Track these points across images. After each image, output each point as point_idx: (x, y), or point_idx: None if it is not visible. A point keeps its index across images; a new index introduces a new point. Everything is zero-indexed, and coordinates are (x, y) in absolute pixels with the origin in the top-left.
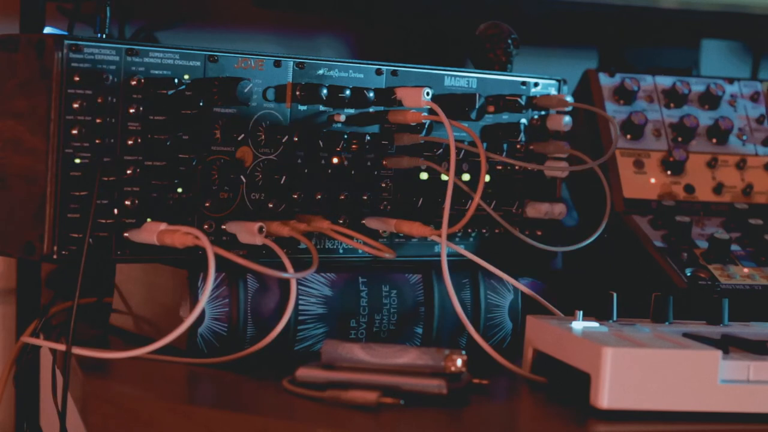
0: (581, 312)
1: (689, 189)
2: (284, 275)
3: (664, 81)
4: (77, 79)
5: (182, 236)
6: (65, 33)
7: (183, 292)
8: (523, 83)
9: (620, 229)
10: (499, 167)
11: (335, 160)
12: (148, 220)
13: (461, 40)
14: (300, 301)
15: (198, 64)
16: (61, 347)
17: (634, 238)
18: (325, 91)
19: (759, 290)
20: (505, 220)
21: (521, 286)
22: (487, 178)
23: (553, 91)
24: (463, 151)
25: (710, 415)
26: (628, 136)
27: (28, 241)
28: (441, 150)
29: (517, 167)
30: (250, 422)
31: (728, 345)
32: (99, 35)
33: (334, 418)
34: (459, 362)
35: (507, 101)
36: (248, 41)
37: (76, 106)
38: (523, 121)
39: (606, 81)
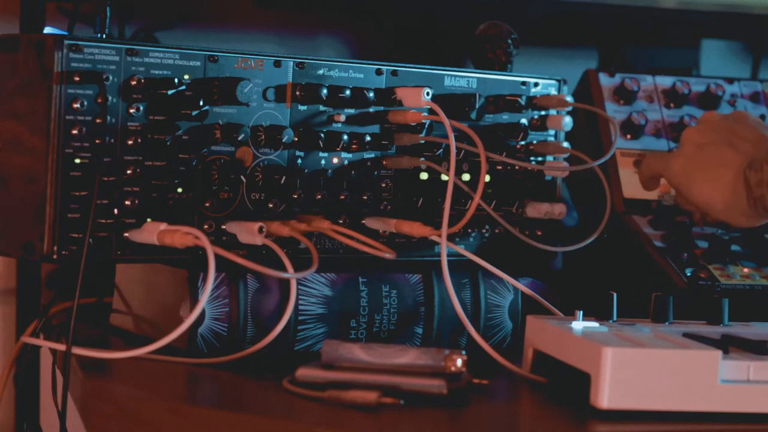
0: (581, 312)
1: None
2: (284, 275)
3: (664, 81)
4: (77, 79)
5: (182, 236)
6: (65, 33)
7: (183, 292)
8: (523, 83)
9: (620, 229)
10: (499, 167)
11: (335, 160)
12: (148, 220)
13: (461, 40)
14: (300, 301)
15: (198, 64)
16: (61, 347)
17: (634, 238)
18: (325, 91)
19: (759, 290)
20: (505, 220)
21: (521, 286)
22: (487, 178)
23: (553, 91)
24: (463, 151)
25: (710, 415)
26: (628, 136)
27: (28, 241)
28: (441, 150)
29: (517, 167)
30: (250, 422)
31: (728, 345)
32: (99, 35)
33: (334, 418)
34: (459, 362)
35: (507, 101)
36: (248, 41)
37: (76, 106)
38: (523, 121)
39: (606, 81)
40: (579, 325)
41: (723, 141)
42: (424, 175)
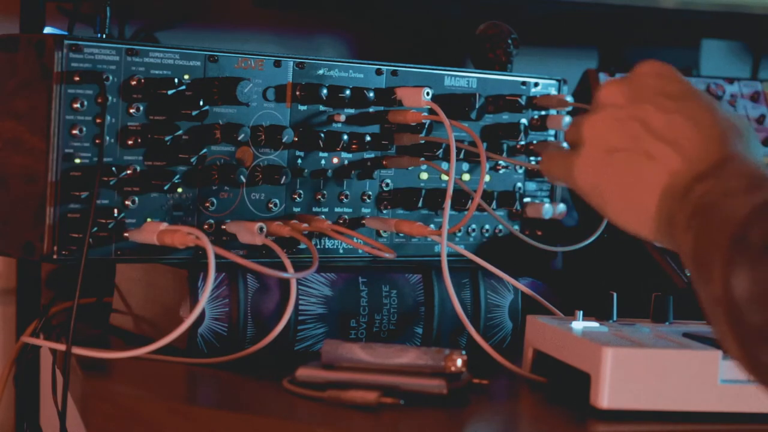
0: (581, 312)
1: None
2: (284, 275)
3: None
4: (77, 79)
5: (182, 236)
6: (65, 33)
7: (183, 292)
8: (523, 83)
9: (620, 229)
10: (499, 167)
11: (335, 160)
12: (148, 220)
13: (461, 40)
14: (300, 301)
15: (198, 64)
16: (61, 347)
17: (634, 238)
18: (325, 91)
19: None
20: (505, 220)
21: (521, 286)
22: (487, 178)
23: (553, 91)
24: (463, 151)
25: (710, 415)
26: None
27: (28, 241)
28: (441, 150)
29: (516, 167)
30: (250, 422)
31: None
32: (99, 35)
33: (334, 418)
34: (459, 362)
35: (507, 101)
36: (248, 41)
37: (76, 106)
38: (523, 121)
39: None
40: (579, 325)
41: (636, 147)
42: (424, 175)
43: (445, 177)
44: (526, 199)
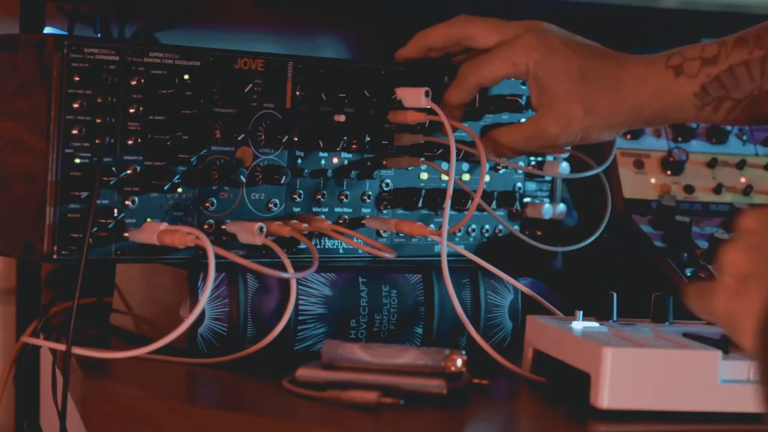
0: (581, 312)
1: (689, 189)
2: (284, 275)
3: None
4: (77, 79)
5: (182, 236)
6: (65, 33)
7: (183, 292)
8: (524, 83)
9: (620, 229)
10: (499, 167)
11: (335, 160)
12: (148, 220)
13: None
14: (300, 301)
15: (198, 64)
16: (61, 347)
17: (634, 238)
18: (325, 91)
19: None
20: (505, 220)
21: (521, 286)
22: (487, 178)
23: None
24: (463, 151)
25: (710, 415)
26: (628, 136)
27: (28, 241)
28: (441, 150)
29: (516, 167)
30: (250, 422)
31: (728, 345)
32: (99, 35)
33: (334, 418)
34: (459, 362)
35: (507, 101)
36: (248, 41)
37: (76, 106)
38: (523, 120)
39: None
40: (579, 325)
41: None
42: (424, 175)
43: (445, 177)
44: (526, 199)
